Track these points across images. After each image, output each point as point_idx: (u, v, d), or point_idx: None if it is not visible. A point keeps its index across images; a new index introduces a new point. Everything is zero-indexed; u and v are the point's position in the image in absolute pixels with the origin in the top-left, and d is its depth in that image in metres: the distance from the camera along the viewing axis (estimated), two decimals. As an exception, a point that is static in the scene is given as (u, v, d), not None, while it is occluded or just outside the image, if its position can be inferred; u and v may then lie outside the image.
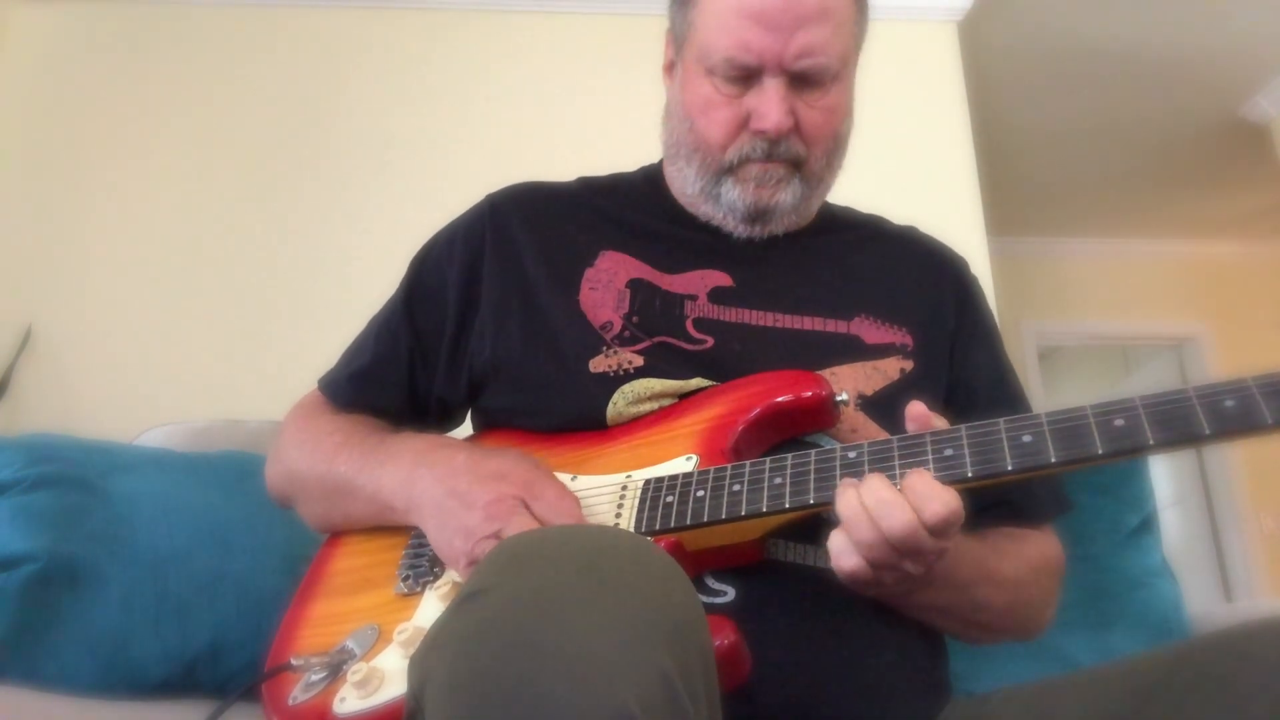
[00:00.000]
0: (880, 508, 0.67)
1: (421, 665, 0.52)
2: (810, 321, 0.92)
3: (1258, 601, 4.14)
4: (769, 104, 0.88)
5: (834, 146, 0.95)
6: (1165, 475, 5.03)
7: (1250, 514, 4.78)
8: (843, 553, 0.69)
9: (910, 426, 0.74)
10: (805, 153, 0.92)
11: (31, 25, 2.62)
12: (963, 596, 0.81)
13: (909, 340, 0.93)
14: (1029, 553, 0.88)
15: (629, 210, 1.02)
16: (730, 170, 0.93)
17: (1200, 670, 0.62)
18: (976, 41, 2.93)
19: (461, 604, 0.53)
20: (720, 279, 0.94)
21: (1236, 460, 4.84)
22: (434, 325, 0.99)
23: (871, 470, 0.70)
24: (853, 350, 0.90)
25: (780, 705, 0.73)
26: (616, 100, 2.46)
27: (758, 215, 0.94)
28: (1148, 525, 1.37)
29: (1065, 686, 0.74)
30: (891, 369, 0.90)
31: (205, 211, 2.52)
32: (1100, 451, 0.65)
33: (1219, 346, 4.94)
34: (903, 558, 0.68)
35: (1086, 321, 5.05)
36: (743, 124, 0.91)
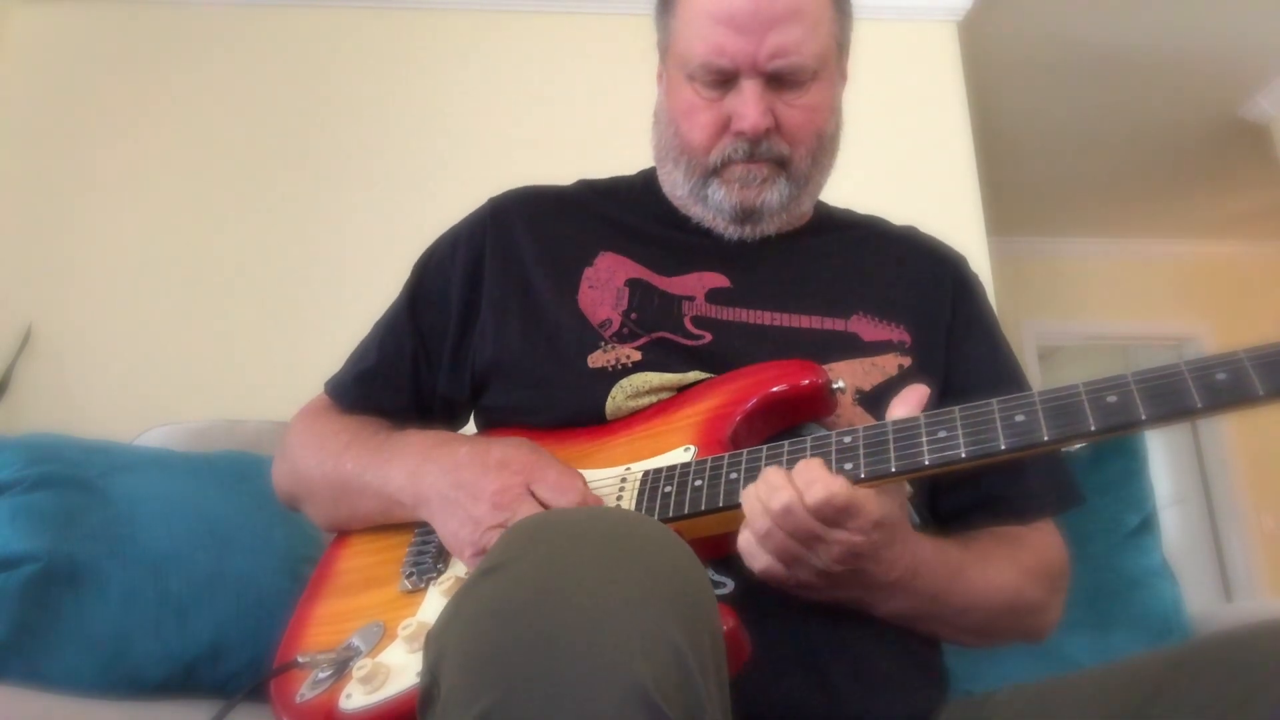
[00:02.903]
0: (769, 493, 0.69)
1: (438, 640, 0.53)
2: (807, 320, 0.93)
3: (1258, 601, 4.14)
4: (746, 105, 0.90)
5: (818, 145, 0.96)
6: (1165, 475, 5.04)
7: (1250, 514, 4.79)
8: (750, 553, 0.71)
9: (901, 410, 0.74)
10: (788, 152, 0.93)
11: (31, 25, 2.62)
12: (937, 606, 0.80)
13: (906, 337, 0.93)
14: (1023, 556, 0.87)
15: (626, 213, 1.03)
16: (715, 172, 0.94)
17: (1201, 671, 0.62)
18: (976, 41, 2.93)
19: (478, 579, 0.53)
20: (717, 280, 0.95)
21: (1236, 459, 4.85)
22: (437, 326, 1.00)
23: (866, 457, 0.71)
24: (850, 347, 0.91)
25: (779, 695, 0.74)
26: (615, 101, 2.46)
27: (745, 215, 0.95)
28: (1148, 525, 1.37)
29: (1065, 687, 0.74)
30: (889, 365, 0.91)
31: (205, 212, 2.52)
32: (1093, 428, 0.65)
33: (1219, 346, 4.90)
34: (803, 546, 0.69)
35: (1086, 321, 5.06)
36: (724, 126, 0.92)
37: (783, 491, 0.68)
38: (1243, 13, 3.24)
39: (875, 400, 0.88)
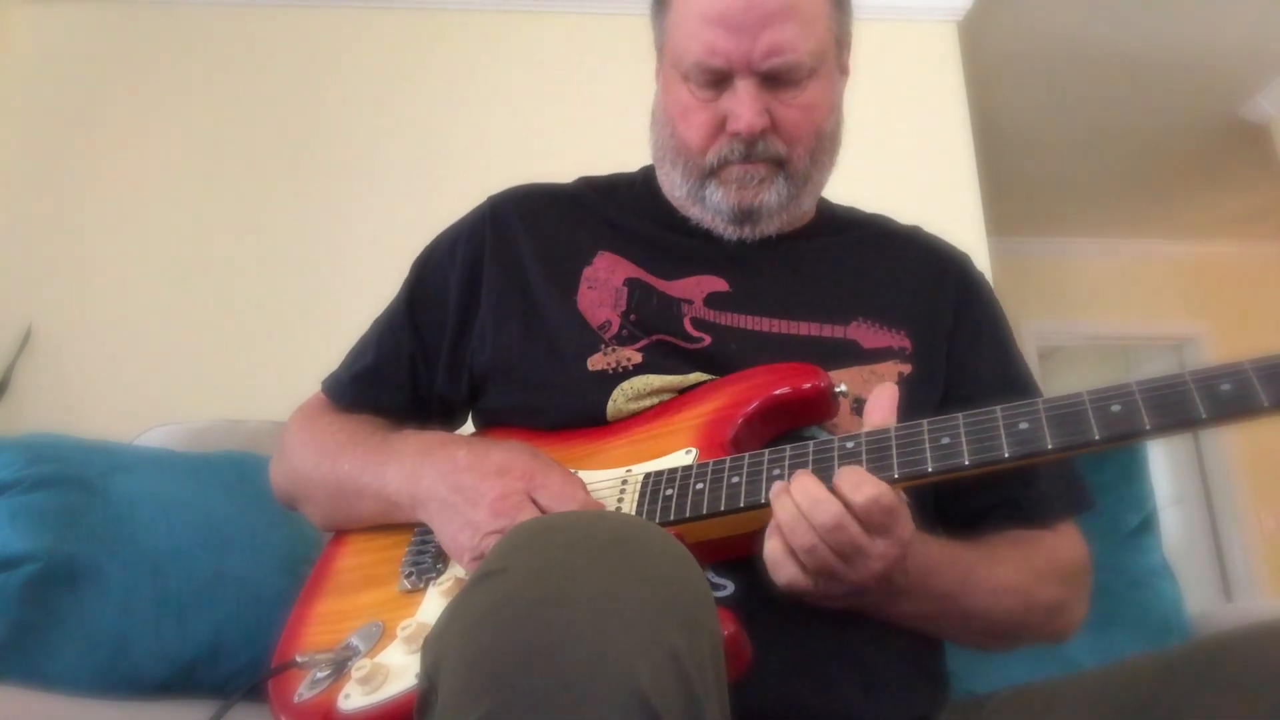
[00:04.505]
0: (813, 506, 0.67)
1: (436, 644, 0.53)
2: (806, 326, 0.92)
3: (1258, 601, 4.14)
4: (741, 105, 0.88)
5: (817, 144, 0.94)
6: (1165, 475, 5.04)
7: (1250, 514, 4.79)
8: (778, 563, 0.69)
9: (878, 415, 0.74)
10: (786, 151, 0.92)
11: (31, 25, 2.62)
12: (947, 606, 0.80)
13: (907, 344, 0.92)
14: (1035, 557, 0.86)
15: (626, 214, 1.02)
16: (712, 173, 0.93)
17: (1201, 672, 0.62)
18: (976, 41, 2.93)
19: (477, 583, 0.53)
20: (716, 284, 0.94)
21: (1237, 459, 4.85)
22: (435, 326, 1.00)
23: (869, 463, 0.70)
24: (850, 354, 0.90)
25: (780, 699, 0.73)
26: (614, 100, 2.46)
27: (744, 216, 0.94)
28: (1148, 525, 1.37)
29: (1066, 687, 0.74)
30: (889, 373, 0.89)
31: (205, 211, 2.52)
32: (1097, 437, 0.65)
33: (1219, 346, 4.95)
34: (843, 561, 0.68)
35: (1086, 321, 5.05)
36: (720, 127, 0.91)
37: (828, 504, 0.67)
38: (1243, 13, 3.24)
39: None
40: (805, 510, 0.67)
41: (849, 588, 0.70)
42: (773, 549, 0.69)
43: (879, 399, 0.75)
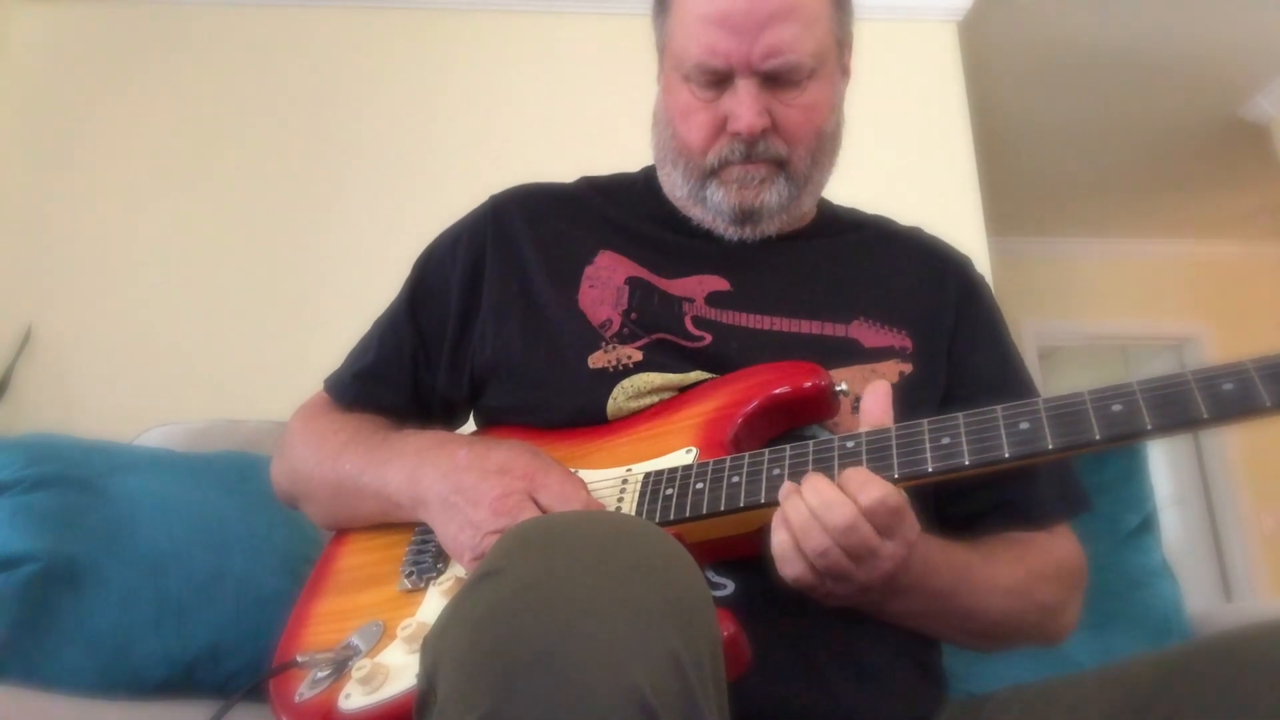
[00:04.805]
0: (826, 508, 0.67)
1: (435, 645, 0.52)
2: (808, 325, 0.92)
3: (1258, 601, 4.15)
4: (741, 106, 0.89)
5: (817, 144, 0.94)
6: (1165, 475, 5.04)
7: (1250, 514, 4.79)
8: (787, 558, 0.69)
9: (876, 413, 0.74)
10: (787, 152, 0.92)
11: (31, 25, 2.62)
12: (944, 605, 0.80)
13: (908, 343, 0.92)
14: (1031, 558, 0.86)
15: (627, 214, 1.02)
16: (713, 173, 0.93)
17: (1201, 673, 0.62)
18: (976, 41, 2.93)
19: (475, 584, 0.53)
20: (717, 284, 0.94)
21: (1237, 459, 4.85)
22: (437, 325, 1.00)
23: (869, 462, 0.70)
24: (851, 353, 0.90)
25: (780, 698, 0.73)
26: (616, 100, 2.46)
27: (745, 217, 0.94)
28: (1148, 525, 1.37)
29: (1065, 688, 0.74)
30: (890, 372, 0.89)
31: (205, 211, 2.52)
32: (1098, 437, 0.65)
33: (1219, 346, 4.95)
34: (854, 563, 0.68)
35: (1086, 321, 5.05)
36: (721, 127, 0.91)
37: (840, 506, 0.66)
38: (1243, 13, 3.24)
39: None
40: (818, 511, 0.67)
41: (855, 587, 0.70)
42: (781, 542, 0.69)
43: (874, 396, 0.75)
